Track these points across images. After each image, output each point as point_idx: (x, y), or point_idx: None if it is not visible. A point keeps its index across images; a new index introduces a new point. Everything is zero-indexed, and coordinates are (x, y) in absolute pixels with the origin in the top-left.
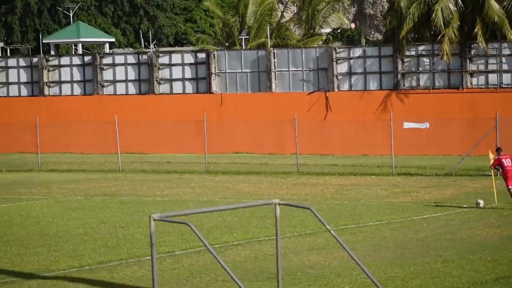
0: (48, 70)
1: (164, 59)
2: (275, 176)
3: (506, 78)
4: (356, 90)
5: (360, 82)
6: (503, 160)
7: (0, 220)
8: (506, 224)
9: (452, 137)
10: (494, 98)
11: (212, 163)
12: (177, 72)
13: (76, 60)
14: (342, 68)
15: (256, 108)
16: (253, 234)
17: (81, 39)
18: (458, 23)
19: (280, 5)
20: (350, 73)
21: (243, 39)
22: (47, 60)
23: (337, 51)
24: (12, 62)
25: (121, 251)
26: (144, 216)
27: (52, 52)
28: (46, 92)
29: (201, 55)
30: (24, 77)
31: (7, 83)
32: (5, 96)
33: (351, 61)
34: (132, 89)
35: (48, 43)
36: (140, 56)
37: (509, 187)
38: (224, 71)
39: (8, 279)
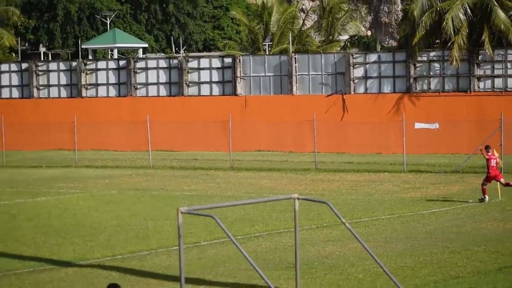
0: (86, 74)
1: (193, 64)
2: (294, 172)
3: (511, 82)
4: (371, 93)
5: (375, 86)
6: (492, 160)
7: (39, 212)
8: (509, 217)
9: (460, 137)
10: (500, 101)
11: (236, 160)
12: (205, 76)
13: (112, 64)
14: (358, 72)
15: (278, 109)
16: (273, 226)
17: (117, 45)
18: (467, 31)
19: (302, 13)
20: (366, 77)
21: (267, 45)
22: (85, 64)
23: (354, 56)
24: (53, 66)
25: (150, 242)
26: (173, 209)
27: (90, 57)
28: (83, 94)
29: (228, 60)
30: (64, 80)
31: (48, 85)
32: (46, 98)
33: (367, 66)
34: (163, 91)
35: (86, 48)
36: (171, 61)
37: (485, 182)
38: (248, 74)
39: (46, 267)
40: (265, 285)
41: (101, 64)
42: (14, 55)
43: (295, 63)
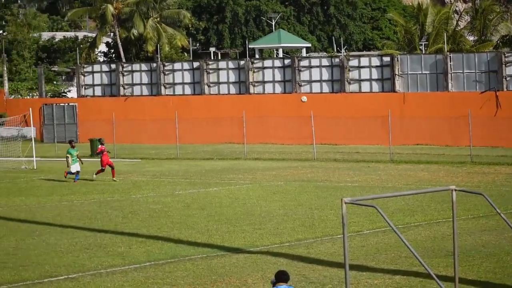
0: (253, 72)
1: (353, 62)
2: (451, 165)
3: None
4: None
5: None
6: None
7: (212, 201)
8: None
9: None
10: None
11: (395, 153)
12: (365, 74)
13: (277, 63)
14: (510, 70)
15: (434, 105)
16: (432, 216)
17: (282, 45)
18: None
19: (455, 15)
20: None
21: (423, 44)
22: (252, 63)
23: (506, 55)
24: (222, 64)
25: (316, 230)
26: (336, 200)
27: (257, 56)
28: (251, 91)
29: (386, 59)
30: (232, 78)
31: (218, 83)
32: (216, 94)
33: None
34: (325, 88)
35: (253, 48)
36: (332, 59)
37: None
38: (406, 72)
39: (219, 253)
40: (425, 272)
41: (267, 63)
42: (186, 54)
43: (450, 62)
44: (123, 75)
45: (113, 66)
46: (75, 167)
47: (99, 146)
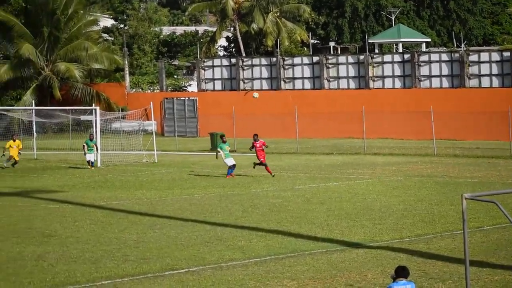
0: (373, 66)
1: (473, 57)
2: None
3: None
4: None
5: None
6: None
7: (331, 196)
8: None
9: None
10: None
11: None
12: (485, 69)
13: (397, 58)
14: None
15: None
16: None
17: (401, 39)
18: None
19: None
20: None
21: None
22: (372, 58)
23: None
24: (342, 59)
25: (436, 226)
26: (456, 195)
27: (376, 51)
28: (371, 85)
29: (506, 54)
30: (352, 72)
31: (337, 77)
32: (336, 89)
33: None
34: (445, 83)
35: (372, 42)
36: (452, 54)
37: None
38: None
39: (338, 248)
40: None
41: (387, 58)
42: (305, 49)
43: None
44: (243, 69)
45: (233, 60)
46: (229, 161)
47: (253, 141)
